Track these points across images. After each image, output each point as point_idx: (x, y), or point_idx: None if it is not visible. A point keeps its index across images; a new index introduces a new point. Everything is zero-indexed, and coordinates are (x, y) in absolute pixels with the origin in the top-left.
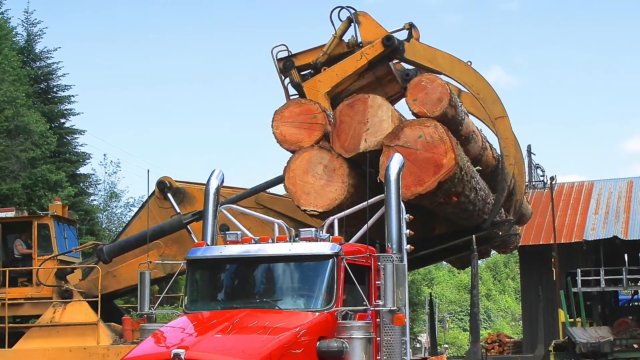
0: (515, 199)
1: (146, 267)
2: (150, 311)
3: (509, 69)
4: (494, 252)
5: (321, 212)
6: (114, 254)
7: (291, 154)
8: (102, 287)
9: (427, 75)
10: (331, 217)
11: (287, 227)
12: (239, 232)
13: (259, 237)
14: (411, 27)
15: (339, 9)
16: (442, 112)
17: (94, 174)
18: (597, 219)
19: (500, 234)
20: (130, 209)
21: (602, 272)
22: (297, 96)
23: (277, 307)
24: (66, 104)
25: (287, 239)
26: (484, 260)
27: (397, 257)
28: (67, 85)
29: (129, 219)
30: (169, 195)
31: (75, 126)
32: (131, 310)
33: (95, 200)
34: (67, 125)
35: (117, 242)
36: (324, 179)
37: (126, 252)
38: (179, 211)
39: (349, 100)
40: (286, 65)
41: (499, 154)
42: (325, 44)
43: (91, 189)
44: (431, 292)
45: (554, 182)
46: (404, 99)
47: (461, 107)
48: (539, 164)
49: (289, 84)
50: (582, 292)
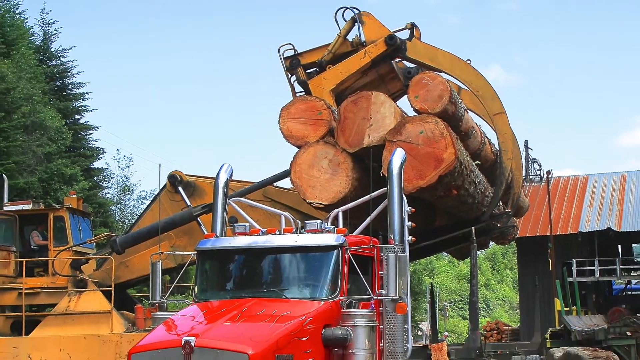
0: (513, 192)
1: (158, 257)
2: (161, 300)
3: (507, 68)
4: (492, 243)
5: (326, 205)
6: (127, 245)
7: (297, 149)
8: (115, 277)
9: (428, 73)
10: (336, 210)
11: (293, 219)
12: (247, 224)
13: (266, 229)
14: (413, 26)
15: (344, 9)
16: (442, 109)
17: (107, 168)
18: (591, 211)
19: (498, 225)
20: (142, 201)
21: (596, 263)
22: (303, 93)
23: (283, 297)
24: (81, 101)
25: (294, 231)
26: (483, 251)
27: (399, 248)
28: (82, 82)
29: (141, 211)
30: (180, 188)
31: (89, 122)
32: (143, 299)
33: (108, 193)
34: (81, 121)
35: (130, 233)
36: (329, 173)
37: (138, 243)
38: (189, 204)
39: (353, 97)
40: (292, 63)
41: (498, 149)
42: (330, 43)
43: (105, 182)
44: (432, 282)
45: (550, 176)
46: (406, 96)
47: (461, 103)
48: (535, 159)
49: (295, 82)
50: (577, 282)
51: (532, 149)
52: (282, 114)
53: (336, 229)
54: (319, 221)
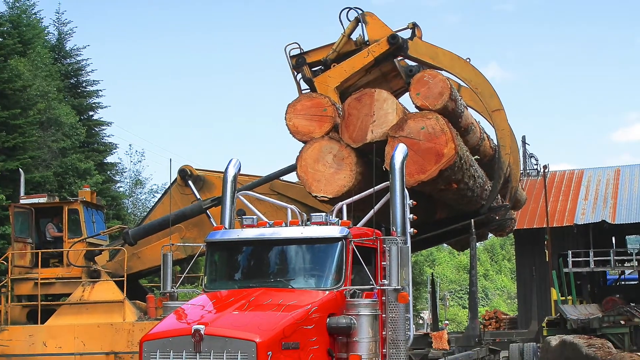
0: (510, 186)
1: (169, 249)
2: (172, 290)
3: (504, 65)
4: (491, 235)
5: (331, 198)
6: (139, 237)
7: (303, 144)
8: (127, 268)
9: (429, 71)
10: (340, 203)
11: (299, 212)
12: (255, 217)
13: (273, 221)
14: (414, 26)
15: (348, 9)
16: (443, 106)
17: (120, 163)
18: (586, 204)
19: (497, 218)
20: (153, 195)
21: (591, 254)
22: (309, 90)
23: (290, 286)
24: (94, 98)
25: (299, 223)
26: (482, 242)
27: (401, 240)
28: (95, 80)
29: (153, 204)
30: (190, 182)
31: (102, 118)
32: (155, 289)
33: (121, 187)
34: (95, 117)
35: (142, 225)
36: (334, 167)
37: (150, 235)
38: (199, 197)
39: (356, 94)
40: (298, 61)
41: (496, 144)
42: (334, 42)
43: (117, 176)
44: (433, 272)
45: (546, 170)
46: (407, 93)
47: (461, 100)
48: (532, 154)
49: (301, 79)
50: (572, 272)
51: (529, 144)
52: (288, 110)
53: (340, 221)
54: (324, 214)
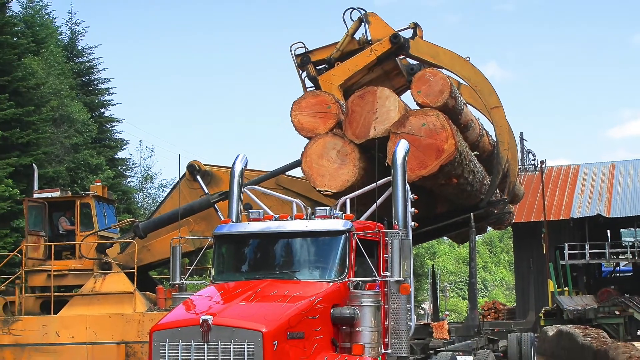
0: (509, 181)
1: (177, 241)
2: (181, 281)
3: (503, 64)
4: (490, 228)
5: (335, 193)
6: (149, 230)
7: (308, 140)
8: (137, 260)
9: (430, 69)
10: (344, 197)
11: (304, 206)
12: (261, 211)
13: (279, 215)
14: (415, 26)
15: (351, 10)
16: (443, 103)
17: (130, 158)
18: (582, 198)
19: (495, 212)
20: (163, 189)
21: (587, 247)
22: (313, 88)
23: (295, 278)
24: (106, 95)
25: (304, 217)
26: (481, 235)
27: (403, 233)
28: (107, 78)
29: (162, 198)
30: (198, 177)
31: (113, 115)
32: (164, 280)
33: (131, 181)
34: (106, 114)
35: (152, 219)
36: (337, 162)
37: (160, 228)
38: (207, 192)
39: (359, 92)
40: (303, 60)
41: (495, 140)
42: (338, 42)
43: (128, 171)
44: (433, 264)
45: (544, 166)
46: (409, 91)
47: (460, 98)
48: (530, 149)
49: (306, 78)
50: (569, 264)
51: (527, 140)
52: (293, 107)
53: (344, 215)
54: (328, 208)
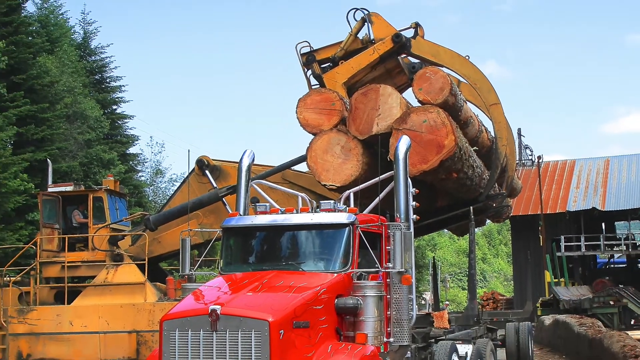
0: (507, 175)
1: (187, 234)
2: (190, 272)
3: (502, 63)
4: (488, 221)
5: (339, 187)
6: (159, 222)
7: (313, 136)
8: (148, 252)
9: (430, 67)
10: (347, 191)
11: (309, 199)
12: (268, 204)
13: (285, 208)
14: (417, 26)
15: (355, 10)
16: (443, 100)
17: (141, 154)
18: (578, 192)
19: (494, 205)
20: (173, 183)
21: (582, 239)
22: (318, 86)
23: (300, 269)
24: (118, 93)
25: (309, 210)
26: (480, 228)
27: (404, 226)
28: (119, 76)
29: (172, 192)
30: (207, 172)
31: (125, 112)
32: (174, 271)
33: (142, 176)
34: (118, 111)
35: (162, 212)
36: (341, 157)
37: (170, 221)
38: (215, 186)
39: (363, 89)
40: (308, 59)
41: (493, 136)
42: (342, 41)
43: (139, 166)
44: (434, 256)
45: (541, 161)
46: (410, 89)
47: (460, 95)
48: (528, 145)
49: (311, 75)
50: (565, 256)
51: (524, 136)
52: (299, 104)
53: (348, 208)
54: (332, 201)
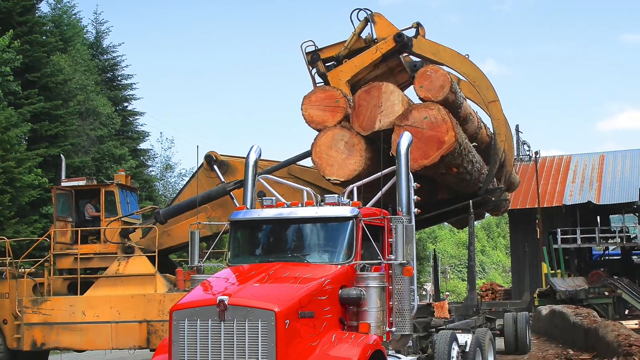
0: (505, 170)
1: (196, 227)
2: (199, 264)
3: (500, 61)
4: (487, 214)
5: (343, 181)
6: (169, 216)
7: (317, 132)
8: (158, 244)
9: (431, 66)
10: (351, 185)
11: (314, 193)
12: (274, 198)
13: (290, 202)
14: (418, 25)
15: (358, 10)
16: (444, 97)
17: (152, 149)
18: (574, 187)
19: (492, 199)
20: (182, 178)
21: (578, 232)
22: (323, 84)
23: (305, 261)
24: (129, 90)
25: (314, 204)
26: (479, 221)
27: (406, 219)
28: (130, 74)
29: (182, 187)
30: (215, 166)
31: (136, 109)
32: (183, 263)
33: (153, 171)
34: (129, 108)
35: (172, 206)
36: (345, 153)
37: (179, 214)
38: (223, 180)
39: (366, 87)
40: (313, 57)
41: (492, 132)
42: (346, 40)
43: (149, 161)
44: (435, 248)
45: (538, 156)
46: (412, 86)
47: (460, 93)
48: (525, 141)
49: (316, 74)
50: (561, 248)
51: (522, 132)
52: (304, 102)
53: (351, 202)
54: (336, 195)
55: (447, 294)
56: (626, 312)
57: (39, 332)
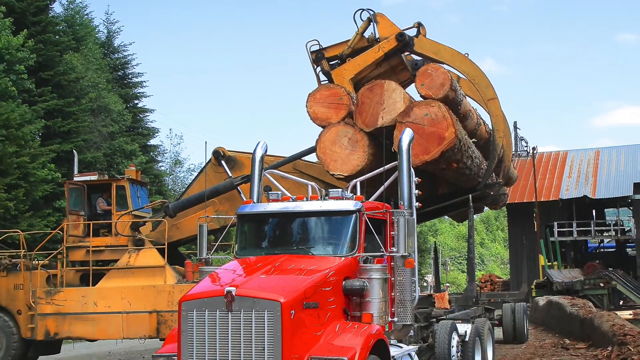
0: (503, 165)
1: (204, 220)
2: (207, 256)
3: (499, 60)
4: (486, 208)
5: (346, 176)
6: (178, 209)
7: (322, 129)
8: (168, 237)
9: (432, 64)
10: (354, 180)
11: (318, 188)
12: (280, 192)
13: (295, 196)
14: (419, 25)
15: (361, 10)
16: (444, 95)
17: (161, 145)
18: (570, 181)
19: (491, 193)
20: (191, 173)
21: (574, 225)
22: (327, 82)
23: (310, 253)
24: (139, 88)
25: (319, 198)
26: (479, 215)
27: (407, 213)
28: (140, 72)
29: (190, 181)
30: (223, 162)
31: (146, 106)
32: (192, 255)
33: (162, 166)
34: (139, 105)
35: (181, 200)
36: (349, 149)
37: (188, 208)
38: (230, 175)
39: (369, 85)
40: (318, 56)
41: (491, 128)
42: (349, 39)
43: (159, 157)
44: (435, 241)
45: (535, 152)
46: (413, 84)
47: (460, 90)
48: (523, 137)
49: (320, 72)
50: (558, 241)
51: (520, 129)
52: (308, 99)
53: (355, 196)
54: (340, 190)
55: (448, 285)
56: (621, 303)
57: (52, 322)
